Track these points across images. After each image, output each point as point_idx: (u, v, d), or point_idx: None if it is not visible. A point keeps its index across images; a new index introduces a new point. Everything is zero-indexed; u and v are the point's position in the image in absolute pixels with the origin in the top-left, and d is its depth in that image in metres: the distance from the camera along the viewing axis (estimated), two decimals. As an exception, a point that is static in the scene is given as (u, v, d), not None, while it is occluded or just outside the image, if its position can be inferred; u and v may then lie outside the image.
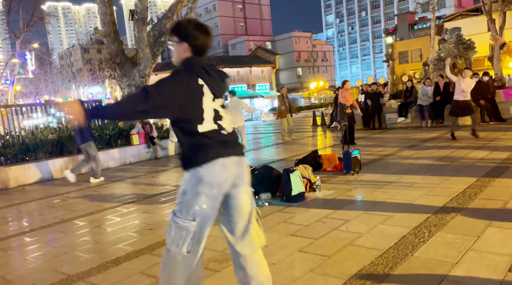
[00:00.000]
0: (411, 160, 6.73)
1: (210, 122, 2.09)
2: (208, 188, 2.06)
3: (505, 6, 21.98)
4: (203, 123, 2.07)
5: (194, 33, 2.15)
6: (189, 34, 2.15)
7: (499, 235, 3.15)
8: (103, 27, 11.39)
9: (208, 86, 2.12)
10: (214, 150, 2.07)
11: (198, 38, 2.17)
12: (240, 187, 2.17)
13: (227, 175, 2.07)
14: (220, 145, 2.09)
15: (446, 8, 55.20)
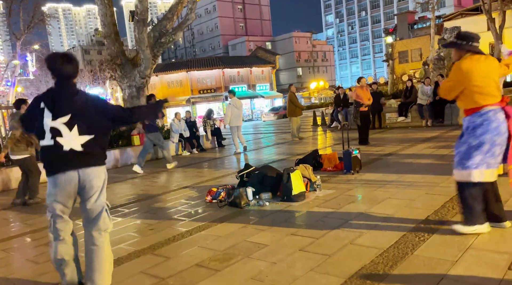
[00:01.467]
0: (411, 159, 6.74)
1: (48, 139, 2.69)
2: None
3: (504, 5, 21.99)
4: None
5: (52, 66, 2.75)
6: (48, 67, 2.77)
7: (498, 233, 3.16)
8: (104, 28, 11.42)
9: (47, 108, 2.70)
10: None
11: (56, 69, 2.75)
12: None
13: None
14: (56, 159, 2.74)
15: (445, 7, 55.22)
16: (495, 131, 3.04)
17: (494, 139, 3.04)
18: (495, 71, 3.15)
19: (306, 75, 61.61)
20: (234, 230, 3.98)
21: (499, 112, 3.06)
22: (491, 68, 3.14)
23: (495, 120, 3.04)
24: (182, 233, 4.05)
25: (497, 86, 3.12)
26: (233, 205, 4.84)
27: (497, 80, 3.15)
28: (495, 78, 3.15)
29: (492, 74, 3.12)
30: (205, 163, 9.50)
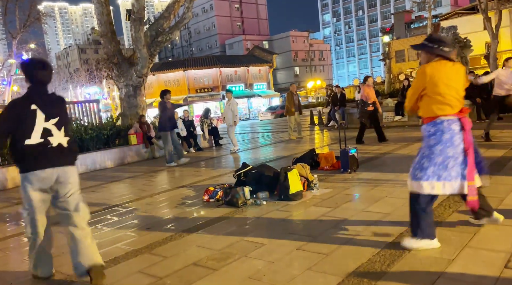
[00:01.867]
0: (408, 158, 6.75)
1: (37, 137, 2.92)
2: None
3: (501, 5, 22.04)
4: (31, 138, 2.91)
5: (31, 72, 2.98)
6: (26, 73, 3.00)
7: (495, 231, 3.17)
8: (100, 27, 11.37)
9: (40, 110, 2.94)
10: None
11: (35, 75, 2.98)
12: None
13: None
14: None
15: (442, 7, 55.37)
16: (448, 142, 2.93)
17: (447, 152, 2.93)
18: (460, 80, 3.00)
19: (303, 75, 61.62)
20: (231, 229, 3.98)
21: (453, 124, 2.94)
22: (457, 77, 2.99)
23: (448, 132, 2.93)
24: (179, 232, 4.04)
25: (459, 96, 2.98)
26: (230, 204, 4.84)
27: (460, 90, 3.00)
28: (459, 87, 2.99)
29: (456, 83, 2.97)
30: (202, 162, 9.49)
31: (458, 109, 2.96)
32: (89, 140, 10.24)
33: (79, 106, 12.60)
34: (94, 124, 10.94)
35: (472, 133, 3.00)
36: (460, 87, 3.00)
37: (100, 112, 14.52)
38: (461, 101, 2.99)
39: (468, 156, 2.93)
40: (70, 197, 3.06)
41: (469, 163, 2.92)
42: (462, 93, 3.00)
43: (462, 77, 3.02)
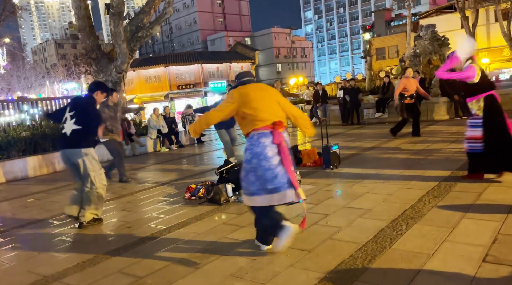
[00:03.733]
0: (389, 154, 6.84)
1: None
2: None
3: (477, 4, 22.58)
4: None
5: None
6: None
7: (473, 226, 3.24)
8: (78, 21, 11.08)
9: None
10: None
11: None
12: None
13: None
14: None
15: (421, 5, 56.28)
16: (261, 155, 3.03)
17: (262, 164, 3.02)
18: (268, 96, 3.21)
19: (286, 71, 61.73)
20: (213, 226, 3.94)
21: (263, 137, 3.07)
22: (264, 94, 3.21)
23: (259, 145, 3.06)
24: (160, 231, 3.98)
25: (271, 110, 3.15)
26: (212, 201, 4.79)
27: (273, 104, 3.18)
28: (268, 102, 3.17)
29: (264, 100, 3.17)
30: (184, 159, 9.39)
31: (270, 122, 3.11)
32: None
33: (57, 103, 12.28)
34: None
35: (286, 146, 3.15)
36: (271, 101, 3.20)
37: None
38: (275, 114, 3.17)
39: (287, 167, 3.04)
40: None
41: (289, 172, 3.04)
42: (274, 106, 3.20)
43: (269, 93, 3.25)
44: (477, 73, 4.29)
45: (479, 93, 4.37)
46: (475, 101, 4.41)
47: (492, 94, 4.37)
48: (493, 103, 4.35)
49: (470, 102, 4.48)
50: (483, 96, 4.35)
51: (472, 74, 4.30)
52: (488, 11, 30.48)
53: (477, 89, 4.37)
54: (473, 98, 4.44)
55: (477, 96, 4.39)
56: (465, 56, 4.41)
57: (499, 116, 4.35)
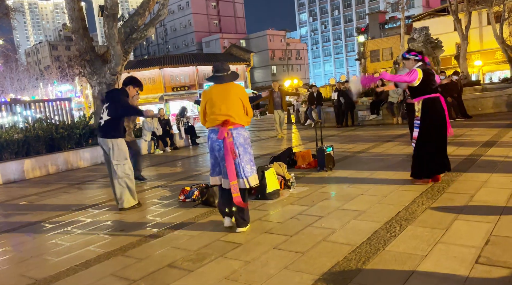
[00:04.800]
0: (383, 156, 6.87)
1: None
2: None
3: (470, 6, 22.76)
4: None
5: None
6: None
7: (466, 227, 3.26)
8: (72, 23, 11.02)
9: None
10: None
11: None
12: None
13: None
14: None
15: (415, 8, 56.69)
16: (210, 148, 3.73)
17: (213, 155, 3.73)
18: (227, 96, 3.66)
19: (281, 73, 61.83)
20: (207, 229, 3.93)
21: (212, 133, 3.69)
22: (220, 95, 3.68)
23: (210, 139, 3.71)
24: (154, 233, 3.96)
25: (225, 109, 3.62)
26: (206, 204, 4.78)
27: (230, 103, 3.64)
28: (225, 102, 3.64)
29: (219, 100, 3.66)
30: (178, 162, 9.36)
31: (221, 120, 3.62)
32: (60, 140, 9.93)
33: (50, 105, 12.21)
34: (66, 123, 10.60)
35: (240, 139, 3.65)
36: (227, 102, 3.65)
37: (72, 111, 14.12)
38: (227, 114, 3.62)
39: (226, 160, 3.56)
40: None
41: (228, 165, 3.56)
42: (230, 105, 3.64)
43: (228, 93, 3.68)
44: (418, 77, 4.43)
45: (418, 96, 4.57)
46: (416, 103, 4.61)
47: (432, 98, 4.51)
48: (432, 107, 4.50)
49: (414, 103, 4.69)
50: (421, 99, 4.54)
51: (413, 78, 4.44)
52: (480, 14, 30.78)
53: (417, 92, 4.57)
54: (414, 99, 4.65)
55: (417, 98, 4.59)
56: (356, 91, 5.31)
57: (436, 120, 4.50)
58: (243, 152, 3.64)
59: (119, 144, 4.87)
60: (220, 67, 3.77)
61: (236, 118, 3.64)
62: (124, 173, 4.88)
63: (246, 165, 3.66)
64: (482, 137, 7.61)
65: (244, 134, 3.69)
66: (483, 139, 7.37)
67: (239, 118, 3.67)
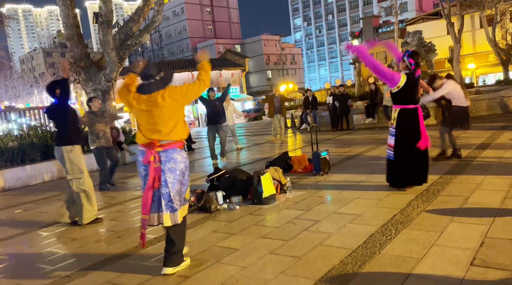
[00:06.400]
0: (378, 160, 6.89)
1: None
2: None
3: (463, 10, 23.00)
4: None
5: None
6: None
7: (461, 230, 3.28)
8: (66, 30, 11.02)
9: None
10: None
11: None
12: None
13: None
14: None
15: (408, 12, 57.21)
16: (139, 173, 3.08)
17: (143, 181, 3.04)
18: (153, 109, 2.93)
19: (276, 78, 62.01)
20: (204, 235, 3.92)
21: (140, 155, 3.02)
22: (148, 107, 2.94)
23: (138, 163, 3.07)
24: (151, 240, 3.95)
25: (151, 125, 2.95)
26: (203, 209, 4.77)
27: (158, 117, 2.93)
28: (151, 116, 2.94)
29: (146, 114, 2.95)
30: (174, 167, 9.32)
31: (148, 140, 2.95)
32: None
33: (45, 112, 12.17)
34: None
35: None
36: (152, 119, 2.93)
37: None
38: (155, 132, 2.94)
39: (145, 189, 2.94)
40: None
41: (143, 193, 2.95)
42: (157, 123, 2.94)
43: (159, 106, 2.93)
44: (398, 85, 4.32)
45: (396, 103, 4.54)
46: (393, 110, 4.58)
47: (409, 109, 4.43)
48: (407, 118, 4.44)
49: (392, 110, 4.66)
50: (398, 108, 4.50)
51: (392, 81, 4.32)
52: (473, 18, 31.09)
53: (396, 100, 4.53)
54: (393, 106, 4.61)
55: (395, 106, 4.56)
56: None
57: (410, 132, 4.44)
58: (173, 179, 2.95)
59: (72, 154, 4.49)
60: (146, 73, 3.00)
61: (168, 135, 2.95)
62: (80, 188, 4.55)
63: (177, 196, 2.97)
64: (477, 139, 7.66)
65: (177, 158, 2.97)
66: (478, 141, 7.42)
67: (175, 133, 2.97)
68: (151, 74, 2.99)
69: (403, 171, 4.52)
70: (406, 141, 4.45)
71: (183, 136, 3.05)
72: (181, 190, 3.02)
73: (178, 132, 3.01)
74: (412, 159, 4.46)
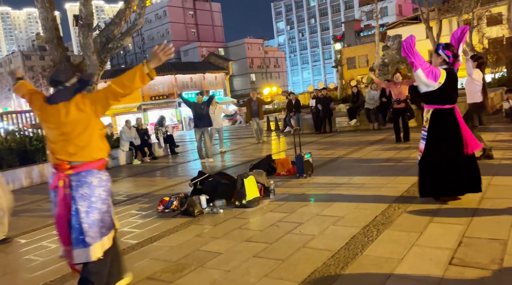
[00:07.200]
0: (360, 162, 6.99)
1: None
2: None
3: (441, 15, 23.57)
4: None
5: None
6: None
7: (440, 230, 3.34)
8: (45, 33, 10.81)
9: None
10: None
11: None
12: None
13: None
14: None
15: (388, 16, 58.24)
16: (51, 199, 2.59)
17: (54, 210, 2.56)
18: (60, 124, 2.44)
19: (260, 81, 62.19)
20: (187, 239, 3.89)
21: (50, 177, 2.56)
22: (55, 121, 2.45)
23: (51, 192, 2.56)
24: (133, 245, 3.90)
25: (60, 144, 2.48)
26: (186, 214, 4.74)
27: (68, 133, 2.45)
28: (60, 132, 2.45)
29: (54, 130, 2.46)
30: (157, 171, 9.25)
31: (56, 163, 2.48)
32: (34, 152, 9.67)
33: (23, 116, 11.90)
34: (40, 135, 10.34)
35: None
36: (62, 135, 2.46)
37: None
38: (62, 152, 2.46)
39: (56, 219, 2.49)
40: None
41: (56, 223, 2.51)
42: (67, 140, 2.46)
43: (66, 120, 2.44)
44: (439, 81, 3.78)
45: (430, 103, 3.97)
46: (426, 110, 4.05)
47: (445, 110, 3.89)
48: (443, 120, 3.89)
49: (424, 110, 4.11)
50: (431, 109, 3.94)
51: (432, 78, 3.76)
52: (451, 22, 31.86)
53: (430, 99, 3.95)
54: (425, 106, 4.09)
55: (428, 106, 4.02)
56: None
57: (446, 136, 3.89)
58: (87, 208, 2.45)
59: None
60: (53, 79, 2.52)
61: (78, 155, 2.46)
62: None
63: (92, 227, 2.47)
64: (455, 141, 7.82)
65: (92, 182, 2.49)
66: (456, 143, 7.58)
67: (88, 152, 2.49)
68: (59, 80, 2.48)
69: (434, 178, 3.94)
70: (440, 146, 3.90)
71: (99, 155, 2.55)
72: (102, 218, 2.52)
73: (92, 151, 2.51)
74: (445, 167, 3.87)
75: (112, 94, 2.48)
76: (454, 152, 3.86)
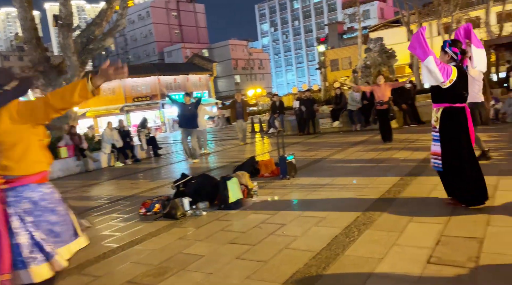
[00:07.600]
0: (343, 163, 7.06)
1: None
2: None
3: (421, 18, 24.07)
4: None
5: None
6: None
7: (419, 229, 3.41)
8: (24, 33, 10.60)
9: None
10: None
11: None
12: None
13: None
14: None
15: (370, 19, 59.06)
16: None
17: None
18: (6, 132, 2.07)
19: (244, 83, 62.22)
20: (169, 242, 3.86)
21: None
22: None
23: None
24: (113, 249, 3.84)
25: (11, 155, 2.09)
26: (168, 216, 4.70)
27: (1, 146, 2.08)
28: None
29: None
30: (140, 174, 9.15)
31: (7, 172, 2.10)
32: None
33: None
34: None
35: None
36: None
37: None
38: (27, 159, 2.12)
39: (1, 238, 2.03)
40: None
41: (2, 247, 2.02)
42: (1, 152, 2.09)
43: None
44: (450, 78, 3.61)
45: (439, 102, 3.78)
46: (435, 110, 3.84)
47: (456, 108, 3.71)
48: (454, 119, 3.71)
49: (433, 109, 3.91)
50: (442, 107, 3.75)
51: (444, 77, 3.59)
52: (431, 26, 32.50)
53: (439, 97, 3.77)
54: (434, 105, 3.87)
55: (437, 104, 3.82)
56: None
57: (458, 134, 3.72)
58: (31, 226, 2.08)
59: None
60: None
61: (12, 169, 2.11)
62: None
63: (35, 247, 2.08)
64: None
65: (32, 197, 2.12)
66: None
67: (24, 165, 2.13)
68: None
69: (464, 182, 3.71)
70: (457, 144, 3.71)
71: (37, 169, 2.17)
72: (48, 235, 2.14)
73: (29, 164, 2.15)
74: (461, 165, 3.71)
75: (51, 107, 2.11)
76: (466, 152, 3.71)
